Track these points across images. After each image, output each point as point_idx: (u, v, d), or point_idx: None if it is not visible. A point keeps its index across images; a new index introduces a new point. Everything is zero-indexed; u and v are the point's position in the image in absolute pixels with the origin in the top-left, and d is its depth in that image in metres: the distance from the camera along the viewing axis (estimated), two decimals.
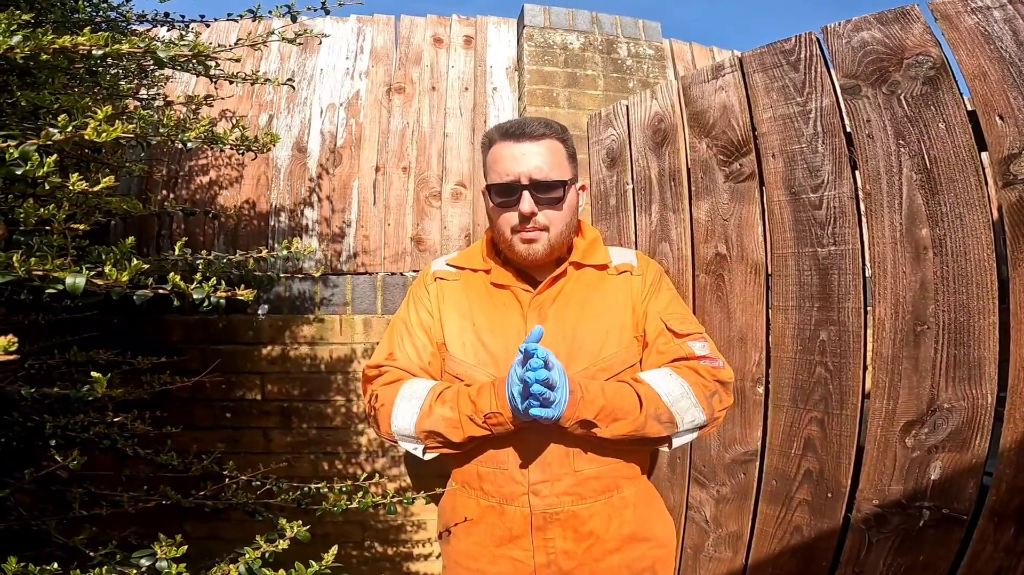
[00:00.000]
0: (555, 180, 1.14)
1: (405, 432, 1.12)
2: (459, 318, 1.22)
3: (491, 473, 1.14)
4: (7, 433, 1.24)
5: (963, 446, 1.07)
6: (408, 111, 2.29)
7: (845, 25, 1.24)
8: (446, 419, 1.08)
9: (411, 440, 1.12)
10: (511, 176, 1.14)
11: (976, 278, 1.06)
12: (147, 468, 1.36)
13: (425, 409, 1.10)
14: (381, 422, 1.16)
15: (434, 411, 1.09)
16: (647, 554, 1.17)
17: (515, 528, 1.13)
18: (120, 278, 0.57)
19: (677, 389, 1.09)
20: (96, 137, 0.57)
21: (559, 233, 1.18)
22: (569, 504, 1.11)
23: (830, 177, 1.27)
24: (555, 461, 1.12)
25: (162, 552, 0.78)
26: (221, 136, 0.93)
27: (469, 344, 1.19)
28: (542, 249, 1.16)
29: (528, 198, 1.12)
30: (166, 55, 0.77)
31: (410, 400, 1.13)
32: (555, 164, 1.16)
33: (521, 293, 1.20)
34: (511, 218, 1.16)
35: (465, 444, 1.10)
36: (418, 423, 1.10)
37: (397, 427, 1.12)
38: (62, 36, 0.67)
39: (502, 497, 1.13)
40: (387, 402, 1.15)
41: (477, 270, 1.27)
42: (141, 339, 1.90)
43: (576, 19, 2.33)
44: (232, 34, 2.33)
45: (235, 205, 2.13)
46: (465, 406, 1.08)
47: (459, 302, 1.24)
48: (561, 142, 1.19)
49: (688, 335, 1.17)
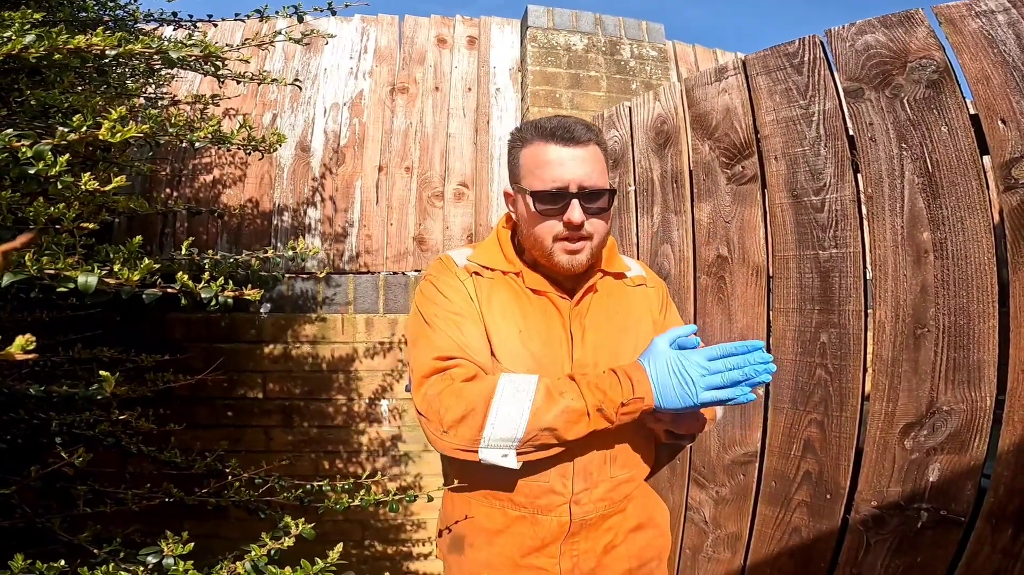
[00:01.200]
0: (603, 188, 1.08)
1: (505, 436, 0.97)
2: (504, 321, 1.12)
3: (525, 485, 1.09)
4: (12, 430, 1.25)
5: (962, 448, 1.08)
6: (411, 111, 2.30)
7: (849, 28, 1.25)
8: (569, 411, 0.97)
9: (505, 447, 0.97)
10: (560, 183, 1.05)
11: (976, 282, 1.06)
12: (150, 466, 1.37)
13: (539, 404, 0.97)
14: (465, 426, 0.98)
15: (554, 405, 0.97)
16: (653, 542, 1.18)
17: (547, 537, 1.10)
18: (131, 277, 0.58)
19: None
20: (110, 137, 0.58)
21: (600, 242, 1.12)
22: (603, 509, 1.11)
23: (832, 180, 1.27)
24: (596, 469, 1.10)
25: (168, 549, 0.78)
26: (228, 136, 0.93)
27: (516, 351, 1.10)
28: (586, 259, 1.10)
29: (578, 207, 1.05)
30: (177, 55, 0.77)
31: (516, 394, 0.98)
32: (601, 171, 1.10)
33: (559, 301, 1.14)
34: (554, 226, 1.07)
35: (574, 442, 0.99)
36: (531, 421, 0.96)
37: (497, 430, 0.97)
38: (76, 36, 0.68)
39: (536, 508, 1.10)
40: (479, 404, 0.98)
41: (507, 272, 1.17)
42: (144, 337, 1.90)
43: (580, 20, 2.33)
44: (237, 33, 2.34)
45: (239, 204, 2.14)
46: (592, 395, 0.97)
47: (502, 304, 1.13)
48: (602, 147, 1.12)
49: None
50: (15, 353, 0.35)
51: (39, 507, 1.18)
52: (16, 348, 0.35)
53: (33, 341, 0.36)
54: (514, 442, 0.97)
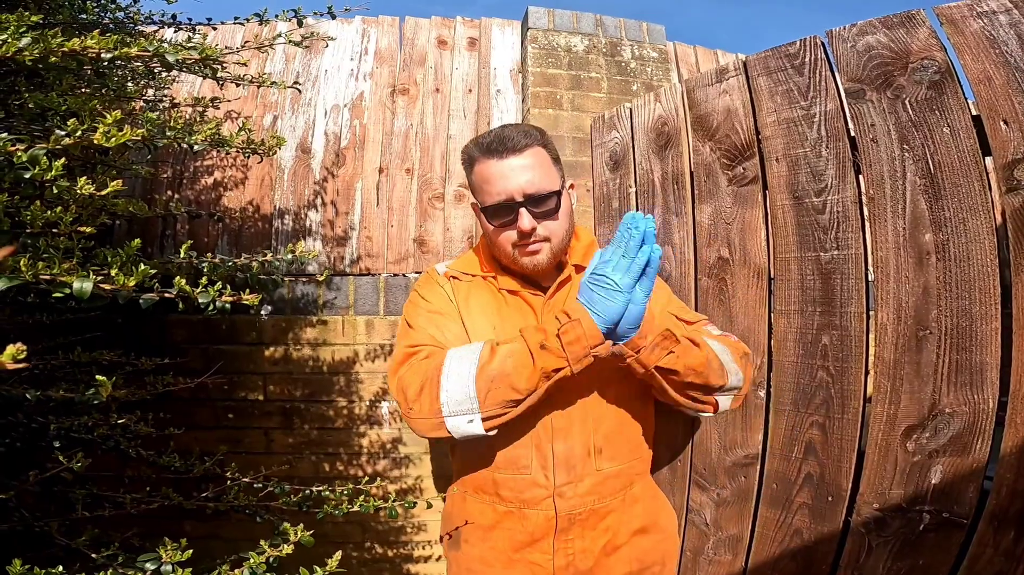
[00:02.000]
0: (549, 192, 1.12)
1: (459, 396, 0.98)
2: (482, 319, 1.19)
3: (510, 479, 1.13)
4: (10, 434, 1.25)
5: (964, 450, 1.07)
6: (412, 113, 2.30)
7: (850, 29, 1.24)
8: (513, 355, 0.97)
9: (466, 409, 0.98)
10: (504, 195, 1.10)
11: (979, 283, 1.06)
12: (149, 469, 1.36)
13: (485, 357, 0.99)
14: (423, 398, 1.01)
15: (498, 352, 0.98)
16: (657, 547, 1.18)
17: (536, 532, 1.12)
18: (127, 283, 0.58)
19: (717, 346, 1.12)
20: (105, 142, 0.57)
21: (560, 241, 1.17)
22: (591, 503, 1.12)
23: (833, 181, 1.27)
24: (579, 462, 1.12)
25: (167, 556, 0.78)
26: (227, 139, 0.93)
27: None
28: (546, 259, 1.16)
29: (526, 215, 1.10)
30: (174, 58, 0.77)
31: (461, 359, 1.01)
32: (544, 174, 1.13)
33: (531, 298, 1.20)
34: (511, 235, 1.14)
35: (534, 390, 0.98)
36: (479, 376, 0.97)
37: (449, 393, 0.98)
38: (71, 39, 0.67)
39: (522, 502, 1.12)
40: (433, 369, 1.02)
41: (485, 276, 1.25)
42: (143, 338, 1.90)
43: (580, 21, 2.33)
44: (238, 35, 2.34)
45: (239, 206, 2.14)
46: (532, 335, 0.98)
47: (478, 303, 1.21)
48: (543, 147, 1.16)
49: (698, 321, 1.21)
50: (6, 362, 0.34)
51: (37, 511, 1.18)
52: (7, 357, 0.35)
53: (24, 350, 0.35)
54: (472, 402, 0.97)
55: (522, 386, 0.97)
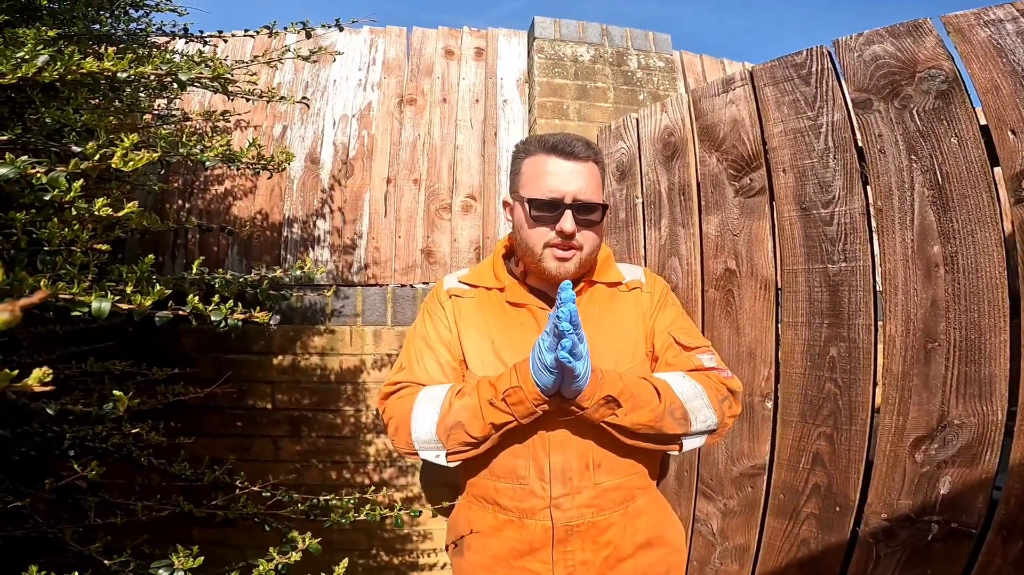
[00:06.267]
0: (597, 203, 1.16)
1: (426, 438, 1.10)
2: (477, 335, 1.22)
3: (509, 488, 1.14)
4: (26, 443, 1.26)
5: (973, 461, 1.07)
6: (419, 123, 2.31)
7: (857, 38, 1.24)
8: (467, 408, 1.07)
9: (432, 446, 1.10)
10: (556, 193, 1.13)
11: (988, 295, 1.05)
12: (160, 478, 1.38)
13: (445, 407, 1.09)
14: (399, 435, 1.14)
15: (454, 405, 1.08)
16: (663, 559, 1.18)
17: (535, 541, 1.13)
18: (144, 303, 0.59)
19: (691, 389, 1.12)
20: (123, 166, 0.59)
21: (590, 254, 1.19)
22: (590, 516, 1.13)
23: (841, 193, 1.27)
24: (576, 475, 1.12)
25: (179, 563, 0.79)
26: (238, 155, 0.95)
27: (489, 362, 1.19)
28: (574, 268, 1.17)
29: (570, 217, 1.12)
30: (187, 76, 0.79)
31: (429, 403, 1.12)
32: (596, 187, 1.17)
33: (538, 311, 1.21)
34: (546, 233, 1.15)
35: (487, 436, 1.08)
36: (440, 422, 1.09)
37: (417, 434, 1.10)
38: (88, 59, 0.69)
39: (521, 511, 1.14)
40: (405, 412, 1.13)
41: (491, 288, 1.27)
42: (154, 347, 1.92)
43: (586, 31, 2.34)
44: (248, 45, 2.36)
45: (249, 215, 2.16)
46: (485, 391, 1.07)
47: (476, 320, 1.24)
48: (598, 164, 1.20)
49: (696, 348, 1.19)
50: (33, 385, 0.36)
51: (50, 518, 1.19)
52: (34, 380, 0.36)
53: (50, 374, 0.36)
54: (436, 443, 1.10)
55: (476, 435, 1.07)
